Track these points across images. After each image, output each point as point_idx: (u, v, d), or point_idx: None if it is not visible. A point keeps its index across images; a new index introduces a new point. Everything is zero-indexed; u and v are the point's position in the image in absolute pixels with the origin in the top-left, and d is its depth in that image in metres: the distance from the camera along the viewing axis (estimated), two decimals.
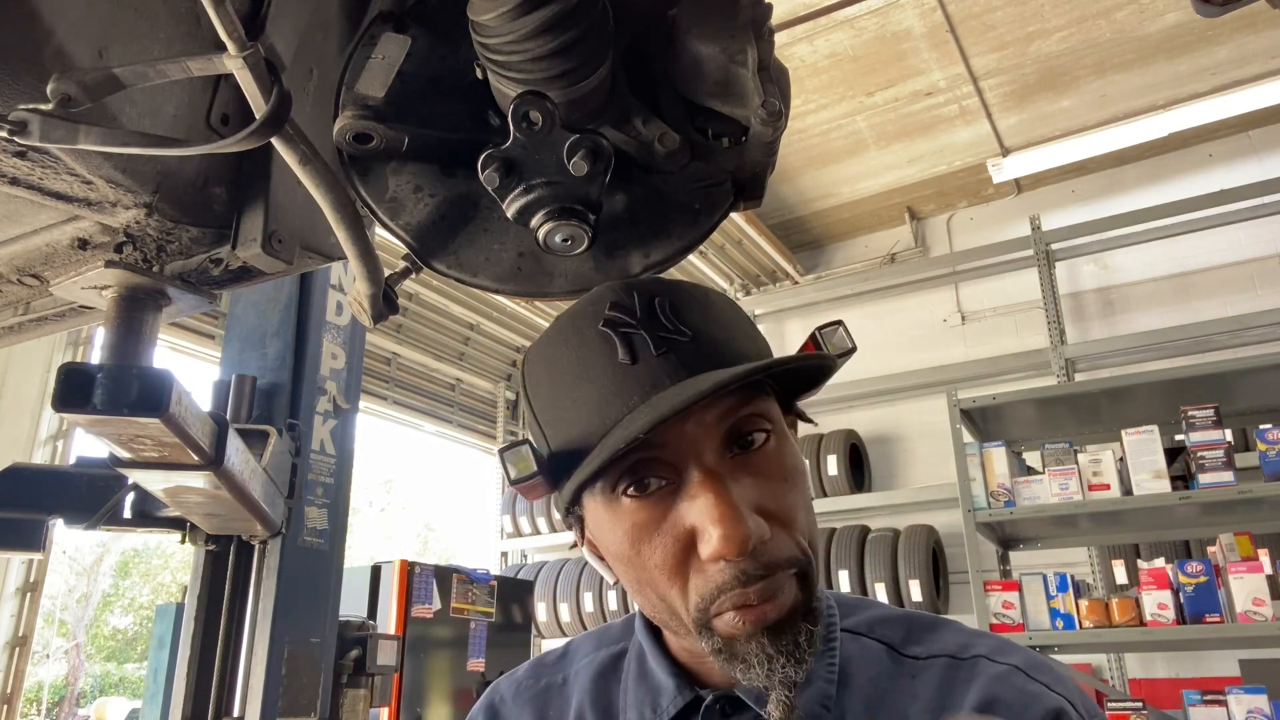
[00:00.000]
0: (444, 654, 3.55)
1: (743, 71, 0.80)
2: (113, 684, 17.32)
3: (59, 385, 0.82)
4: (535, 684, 0.84)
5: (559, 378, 0.70)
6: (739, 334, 0.71)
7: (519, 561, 5.93)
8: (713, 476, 0.64)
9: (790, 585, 0.65)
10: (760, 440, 0.67)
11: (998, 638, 0.74)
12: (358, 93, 0.82)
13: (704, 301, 0.72)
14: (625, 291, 0.69)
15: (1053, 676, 0.69)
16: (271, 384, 2.20)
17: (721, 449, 0.66)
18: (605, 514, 0.68)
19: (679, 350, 0.66)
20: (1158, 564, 3.23)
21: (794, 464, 0.69)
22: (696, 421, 0.65)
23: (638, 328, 0.67)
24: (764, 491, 0.66)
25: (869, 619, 0.77)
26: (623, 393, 0.66)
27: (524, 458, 0.68)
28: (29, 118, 0.61)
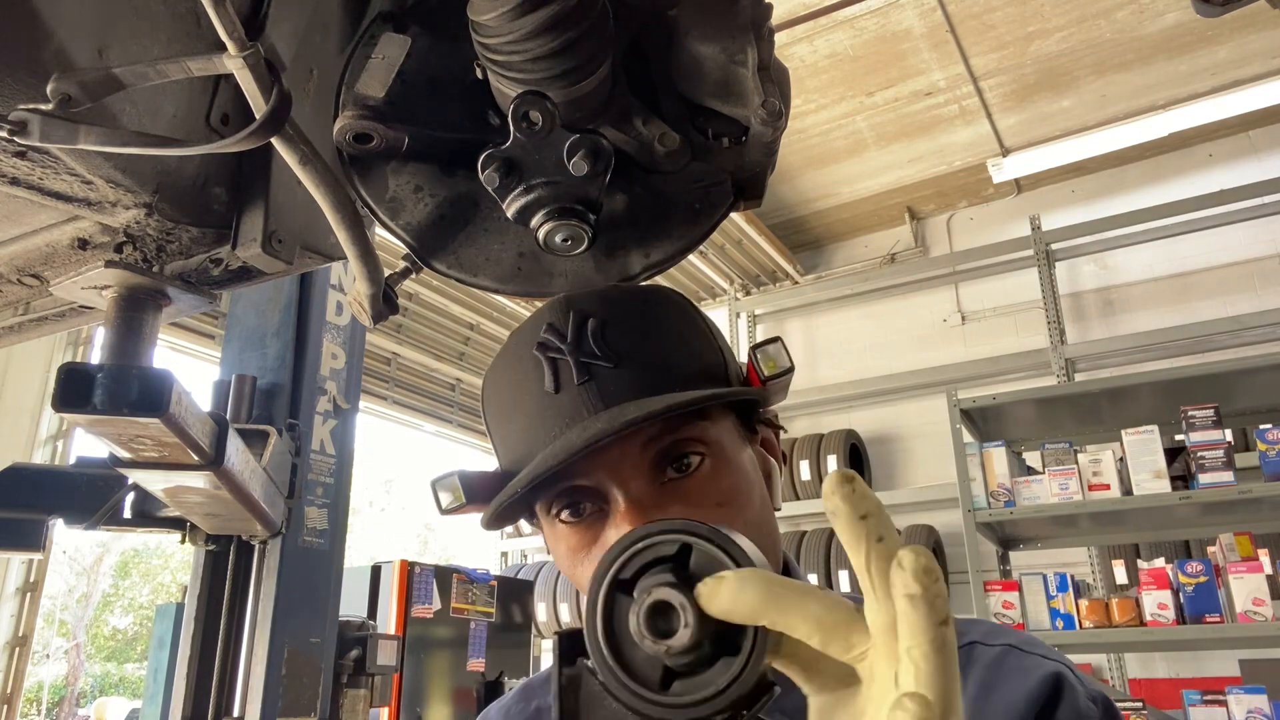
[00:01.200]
0: (444, 654, 3.55)
1: (743, 71, 0.80)
2: (113, 684, 17.32)
3: (59, 385, 0.82)
4: (525, 708, 0.84)
5: (500, 401, 0.72)
6: (676, 354, 0.69)
7: (519, 561, 5.93)
8: (634, 506, 0.64)
9: None
10: (693, 464, 0.66)
11: (988, 622, 0.74)
12: (358, 93, 0.82)
13: (645, 317, 0.70)
14: (562, 311, 0.69)
15: (1046, 649, 0.69)
16: (271, 384, 2.20)
17: (651, 474, 0.65)
18: (547, 532, 0.70)
19: (600, 380, 0.66)
20: (1158, 564, 3.23)
21: (733, 485, 0.67)
22: (621, 450, 0.64)
23: (564, 353, 0.67)
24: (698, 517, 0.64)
25: None
26: (545, 422, 0.67)
27: (454, 489, 0.68)
28: (29, 118, 0.61)
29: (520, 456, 0.68)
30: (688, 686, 0.47)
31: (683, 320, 0.72)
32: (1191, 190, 4.64)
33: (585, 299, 0.70)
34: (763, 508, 0.69)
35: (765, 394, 0.69)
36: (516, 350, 0.71)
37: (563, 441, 0.63)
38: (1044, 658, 0.68)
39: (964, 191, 5.38)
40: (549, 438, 0.66)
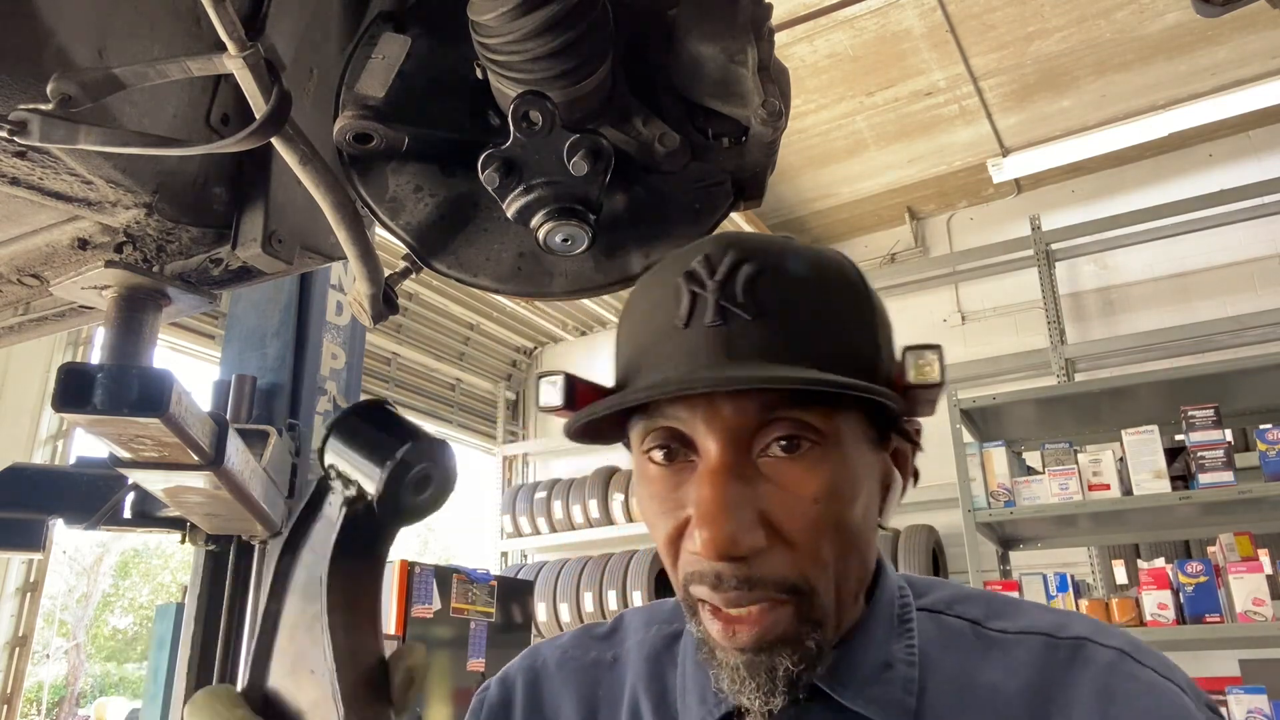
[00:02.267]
0: (444, 654, 3.55)
1: (743, 71, 0.80)
2: (113, 684, 17.31)
3: (59, 385, 0.82)
4: (583, 656, 0.80)
5: (630, 317, 0.68)
6: (825, 328, 0.63)
7: (519, 561, 5.93)
8: (720, 470, 0.59)
9: (777, 611, 0.59)
10: (800, 448, 0.61)
11: (1089, 618, 0.69)
12: (358, 93, 0.82)
13: (806, 279, 0.64)
14: (720, 247, 0.64)
15: (1158, 660, 0.65)
16: (271, 384, 2.20)
17: (745, 443, 0.61)
18: (635, 469, 0.67)
19: (733, 328, 0.61)
20: (1158, 564, 3.23)
21: (835, 485, 0.61)
22: (731, 408, 0.60)
23: (705, 290, 0.62)
24: (779, 503, 0.60)
25: (946, 597, 0.72)
26: (663, 351, 0.63)
27: (558, 388, 0.65)
28: (29, 118, 0.61)
29: (629, 376, 0.65)
30: None
31: (846, 295, 0.66)
32: (1191, 190, 4.63)
33: (751, 241, 0.65)
34: (863, 518, 0.64)
35: (905, 403, 0.63)
36: (665, 273, 0.66)
37: (675, 377, 0.60)
38: (1158, 674, 0.64)
39: (964, 191, 5.38)
40: (662, 368, 0.62)
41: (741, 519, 0.59)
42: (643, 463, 0.65)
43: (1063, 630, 0.67)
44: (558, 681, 0.79)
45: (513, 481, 6.30)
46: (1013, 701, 0.64)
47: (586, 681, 0.78)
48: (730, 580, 0.59)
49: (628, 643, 0.80)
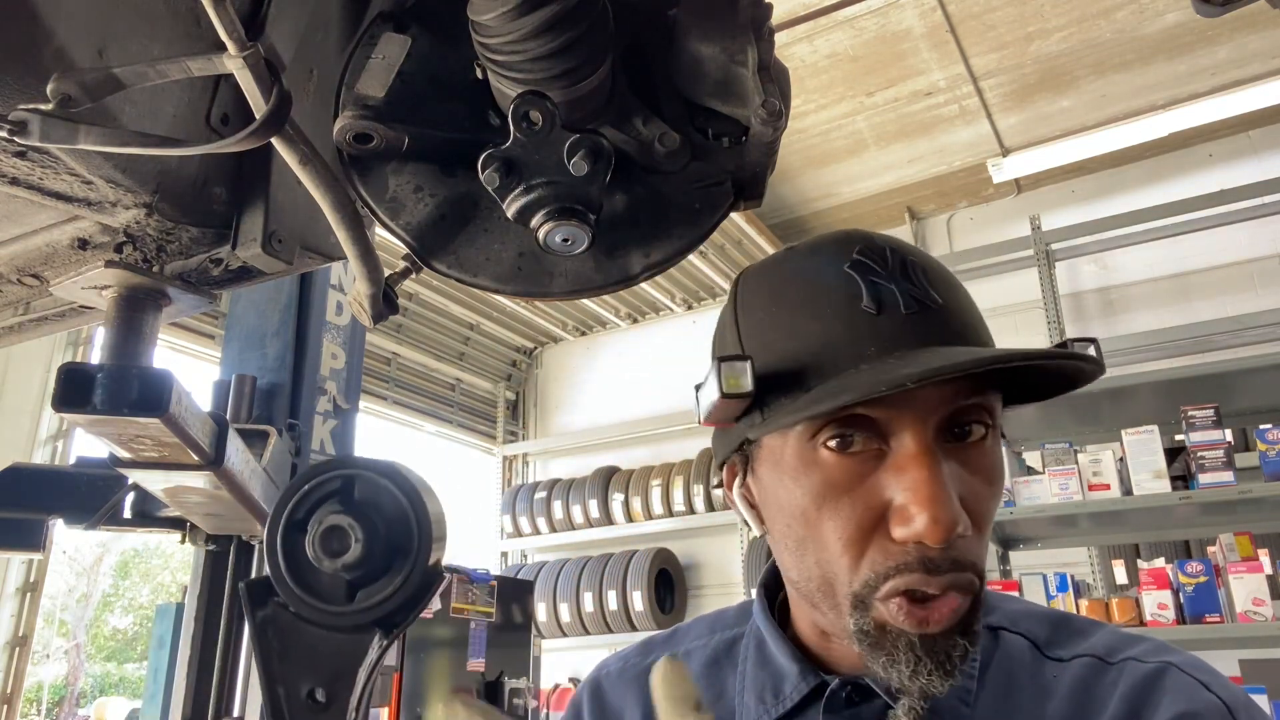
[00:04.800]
0: (444, 654, 3.55)
1: (743, 71, 0.80)
2: (113, 684, 17.32)
3: (59, 385, 0.82)
4: (642, 661, 0.82)
5: (783, 303, 0.65)
6: (981, 321, 0.66)
7: (519, 561, 5.93)
8: (929, 453, 0.59)
9: (964, 598, 0.60)
10: (979, 434, 0.62)
11: (1156, 641, 0.67)
12: (358, 93, 0.82)
13: (951, 280, 0.67)
14: (873, 241, 0.65)
15: (1211, 675, 0.63)
16: (271, 384, 2.20)
17: (941, 429, 0.61)
18: (793, 462, 0.63)
19: (930, 315, 0.61)
20: (1158, 564, 3.23)
21: (997, 466, 0.64)
22: (932, 396, 0.60)
23: (888, 280, 0.62)
24: (968, 487, 0.61)
25: (1013, 613, 0.72)
26: (857, 340, 0.61)
27: (741, 373, 0.61)
28: (29, 118, 0.61)
29: (808, 365, 0.62)
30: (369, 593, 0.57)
31: (969, 295, 0.69)
32: (1191, 190, 4.63)
33: (890, 239, 0.66)
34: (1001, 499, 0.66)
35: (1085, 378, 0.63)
36: (813, 261, 0.65)
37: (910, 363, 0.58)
38: (1206, 686, 0.61)
39: (964, 191, 5.38)
40: (859, 355, 0.60)
41: (955, 502, 0.59)
42: (809, 452, 0.63)
43: (1115, 653, 0.66)
44: (620, 687, 0.81)
45: (513, 481, 6.30)
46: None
47: (644, 682, 0.79)
48: (944, 563, 0.59)
49: (686, 645, 0.82)
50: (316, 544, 0.58)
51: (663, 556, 5.26)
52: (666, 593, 5.28)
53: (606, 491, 5.46)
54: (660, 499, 5.29)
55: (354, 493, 0.63)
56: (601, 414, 6.14)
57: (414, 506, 0.65)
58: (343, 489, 0.63)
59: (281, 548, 0.61)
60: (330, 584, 0.61)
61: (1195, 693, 0.61)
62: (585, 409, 6.31)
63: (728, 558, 5.35)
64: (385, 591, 0.61)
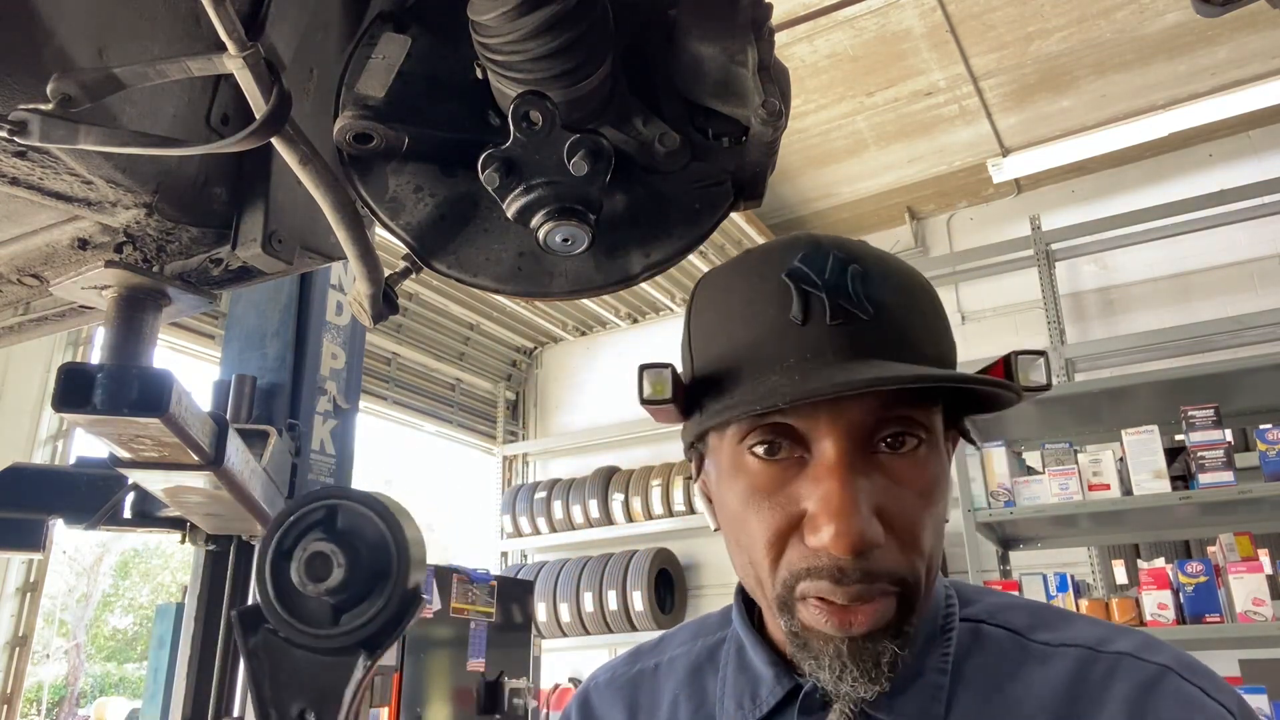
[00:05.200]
0: (444, 654, 3.55)
1: (743, 71, 0.80)
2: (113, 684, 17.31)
3: (59, 385, 0.82)
4: (629, 670, 0.83)
5: (725, 310, 0.67)
6: (925, 329, 0.66)
7: (519, 561, 5.93)
8: (842, 465, 0.60)
9: (887, 602, 0.61)
10: (910, 445, 0.62)
11: (1141, 634, 0.67)
12: (358, 93, 0.82)
13: (903, 282, 0.66)
14: (819, 247, 0.65)
15: (1209, 679, 0.63)
16: (271, 384, 2.20)
17: (864, 440, 0.62)
18: (726, 463, 0.66)
19: (854, 326, 0.62)
20: (1158, 564, 3.23)
21: (935, 480, 0.64)
22: (858, 406, 0.61)
23: (819, 289, 0.63)
24: (891, 497, 0.61)
25: (991, 605, 0.72)
26: (781, 349, 0.63)
27: (662, 380, 0.65)
28: (29, 118, 0.61)
29: (737, 371, 0.64)
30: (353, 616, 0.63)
31: (931, 297, 0.68)
32: (1191, 190, 4.63)
33: (842, 243, 0.66)
34: (945, 510, 0.67)
35: (1015, 399, 0.64)
36: (757, 268, 0.67)
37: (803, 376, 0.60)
38: (1206, 694, 0.61)
39: (964, 191, 5.38)
40: (781, 365, 0.62)
41: (867, 514, 0.60)
42: (738, 455, 0.65)
43: (1107, 644, 0.66)
44: (606, 697, 0.83)
45: (513, 481, 6.30)
46: (1039, 714, 0.63)
47: (629, 693, 0.81)
48: (854, 574, 0.60)
49: (670, 652, 0.83)
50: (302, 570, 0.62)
51: (663, 556, 5.26)
52: (666, 593, 5.28)
53: (606, 491, 5.46)
54: (660, 499, 5.29)
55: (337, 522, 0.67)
56: (601, 414, 6.14)
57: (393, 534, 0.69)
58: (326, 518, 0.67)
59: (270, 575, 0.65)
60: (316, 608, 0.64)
61: (1198, 701, 0.61)
62: (585, 409, 6.31)
63: (728, 558, 5.35)
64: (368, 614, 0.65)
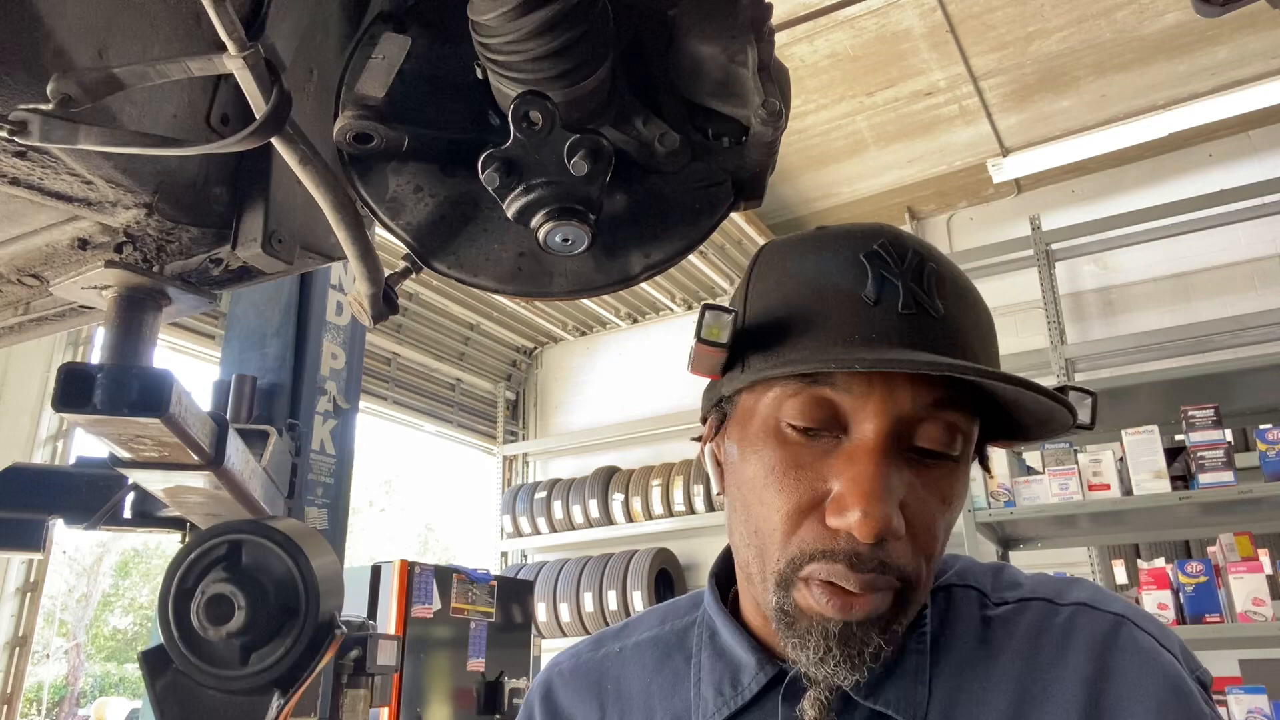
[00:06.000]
0: (444, 654, 3.55)
1: (743, 71, 0.80)
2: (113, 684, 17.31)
3: (59, 385, 0.82)
4: (594, 655, 0.82)
5: (794, 273, 0.67)
6: (984, 343, 0.66)
7: (519, 561, 5.93)
8: (880, 450, 0.60)
9: (886, 595, 0.61)
10: (946, 455, 0.63)
11: (1090, 584, 0.70)
12: (358, 93, 0.82)
13: (971, 297, 0.67)
14: (901, 238, 0.66)
15: (1157, 627, 0.66)
16: (271, 384, 2.20)
17: (905, 433, 0.62)
18: (757, 429, 0.65)
19: (924, 320, 0.62)
20: (1158, 564, 3.23)
21: (960, 490, 0.65)
22: (907, 395, 0.61)
23: (897, 277, 0.63)
24: (915, 498, 0.62)
25: (962, 569, 0.74)
26: (847, 323, 0.62)
27: (723, 324, 0.64)
28: (29, 118, 0.61)
29: (796, 332, 0.64)
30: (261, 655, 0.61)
31: (989, 317, 0.69)
32: (1191, 190, 4.63)
33: (921, 242, 0.67)
34: (956, 520, 0.67)
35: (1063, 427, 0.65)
36: (833, 244, 0.66)
37: (871, 349, 0.60)
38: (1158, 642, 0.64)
39: (964, 191, 5.38)
40: (843, 337, 0.62)
41: (893, 503, 0.60)
42: (775, 425, 0.64)
43: (1062, 596, 0.68)
44: (570, 685, 0.81)
45: (513, 481, 6.30)
46: (1009, 669, 0.65)
47: (595, 679, 0.80)
48: (869, 561, 0.60)
49: (637, 636, 0.81)
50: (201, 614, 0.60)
51: (663, 556, 5.26)
52: (666, 593, 5.28)
53: (606, 491, 5.46)
54: (660, 499, 5.29)
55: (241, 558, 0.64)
56: (601, 414, 6.14)
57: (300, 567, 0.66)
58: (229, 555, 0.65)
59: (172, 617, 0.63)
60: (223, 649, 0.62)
61: (1152, 650, 0.64)
62: (585, 409, 6.31)
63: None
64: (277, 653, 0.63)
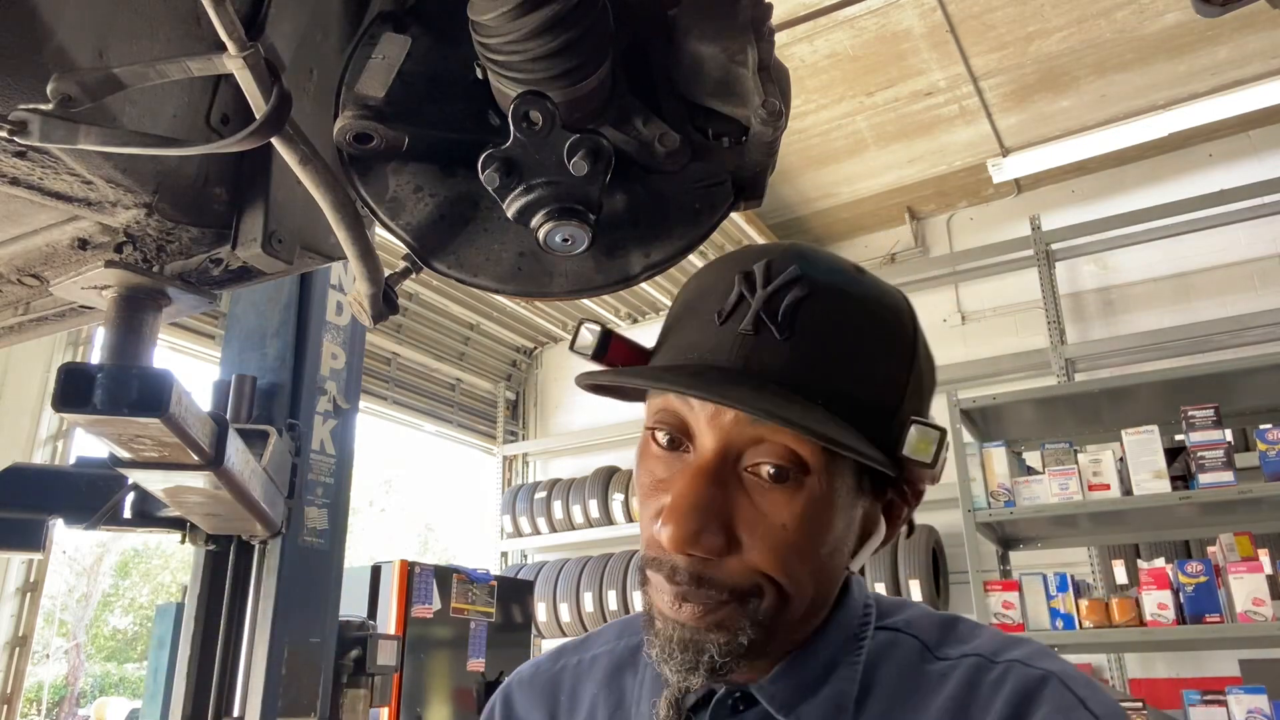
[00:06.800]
0: (444, 654, 3.55)
1: (743, 71, 0.80)
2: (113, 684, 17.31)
3: (59, 385, 0.82)
4: (552, 666, 0.84)
5: (689, 286, 0.71)
6: (853, 368, 0.64)
7: (519, 561, 5.93)
8: (702, 471, 0.62)
9: (725, 611, 0.62)
10: (785, 478, 0.62)
11: (1037, 644, 0.68)
12: (358, 93, 0.82)
13: (851, 315, 0.65)
14: (789, 258, 0.66)
15: (1090, 689, 0.63)
16: (271, 384, 2.20)
17: (740, 454, 0.62)
18: (643, 436, 0.69)
19: (761, 342, 0.63)
20: (1158, 564, 3.23)
21: (807, 518, 0.62)
22: (732, 418, 0.62)
23: (752, 297, 0.64)
24: (749, 519, 0.62)
25: (907, 617, 0.72)
26: (690, 337, 0.66)
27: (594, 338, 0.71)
28: (29, 118, 0.61)
29: (660, 348, 0.70)
30: None
31: (887, 341, 0.67)
32: (1191, 190, 4.63)
33: (820, 262, 0.67)
34: (830, 555, 0.65)
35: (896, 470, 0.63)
36: (732, 262, 0.69)
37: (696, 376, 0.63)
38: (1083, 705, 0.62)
39: (964, 191, 5.38)
40: (684, 355, 0.66)
41: (708, 521, 0.61)
42: (647, 437, 0.68)
43: (1000, 654, 0.67)
44: (527, 694, 0.83)
45: (513, 481, 6.30)
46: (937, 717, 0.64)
47: (550, 690, 0.81)
48: (683, 574, 0.62)
49: (594, 650, 0.83)
50: None
51: None
52: None
53: (606, 491, 5.46)
54: None
55: None
56: (601, 414, 6.14)
57: None
58: None
59: None
60: None
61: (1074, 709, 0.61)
62: (585, 409, 6.30)
63: None
64: None
